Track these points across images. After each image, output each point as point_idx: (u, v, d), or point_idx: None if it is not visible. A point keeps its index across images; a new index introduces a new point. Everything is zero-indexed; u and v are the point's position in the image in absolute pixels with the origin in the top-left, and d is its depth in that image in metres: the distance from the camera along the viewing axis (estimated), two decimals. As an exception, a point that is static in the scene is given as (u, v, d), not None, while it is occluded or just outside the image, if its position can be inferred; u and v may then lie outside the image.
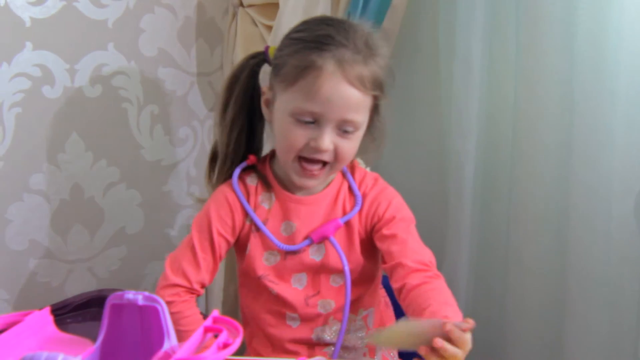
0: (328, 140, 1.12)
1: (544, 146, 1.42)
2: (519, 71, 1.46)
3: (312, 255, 1.20)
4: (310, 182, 1.18)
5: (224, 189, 1.24)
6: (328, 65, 1.09)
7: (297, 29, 1.17)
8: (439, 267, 1.62)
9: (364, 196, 1.21)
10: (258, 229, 1.21)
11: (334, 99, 1.10)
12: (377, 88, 1.13)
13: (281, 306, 1.22)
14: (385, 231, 1.18)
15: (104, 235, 1.76)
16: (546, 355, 1.47)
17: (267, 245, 1.21)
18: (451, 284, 1.57)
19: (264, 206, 1.22)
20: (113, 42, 1.69)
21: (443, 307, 1.03)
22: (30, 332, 0.94)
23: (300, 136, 1.12)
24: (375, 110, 1.17)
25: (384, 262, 1.18)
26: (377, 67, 1.13)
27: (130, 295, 0.84)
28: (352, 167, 1.25)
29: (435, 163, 1.65)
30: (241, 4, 1.72)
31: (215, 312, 0.91)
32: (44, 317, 0.97)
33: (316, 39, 1.12)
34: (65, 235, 1.71)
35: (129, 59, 1.71)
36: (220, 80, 1.84)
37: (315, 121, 1.12)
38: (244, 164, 1.24)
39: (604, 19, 1.30)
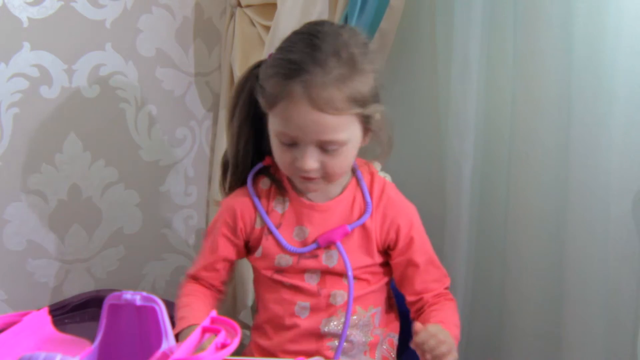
0: (310, 160, 1.12)
1: (541, 146, 1.43)
2: (517, 71, 1.46)
3: (325, 262, 1.21)
4: (312, 186, 1.19)
5: (237, 193, 1.27)
6: (295, 93, 1.09)
7: (281, 46, 1.16)
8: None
9: (385, 208, 1.22)
10: (270, 232, 1.23)
11: (305, 126, 1.10)
12: (358, 105, 1.11)
13: (293, 294, 1.23)
14: (411, 256, 1.22)
15: (102, 235, 1.76)
16: (544, 353, 1.47)
17: (279, 249, 1.23)
18: (450, 283, 1.57)
19: (277, 210, 1.24)
20: (111, 42, 1.69)
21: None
22: (28, 332, 0.94)
23: (286, 157, 1.14)
24: (367, 120, 1.15)
25: (400, 283, 1.26)
26: (357, 84, 1.10)
27: (128, 295, 0.84)
28: (371, 175, 1.25)
29: (433, 163, 1.65)
30: (239, 4, 1.72)
31: (213, 313, 0.91)
32: (42, 318, 0.97)
33: (287, 64, 1.11)
34: (63, 235, 1.71)
35: (126, 59, 1.71)
36: (219, 81, 1.84)
37: (296, 143, 1.13)
38: (259, 166, 1.26)
39: (601, 18, 1.30)
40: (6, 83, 1.58)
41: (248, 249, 1.27)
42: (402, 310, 1.31)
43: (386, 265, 1.26)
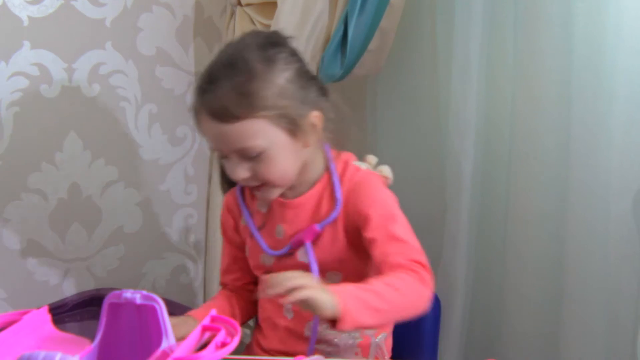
0: (239, 170, 1.12)
1: (541, 145, 1.43)
2: (517, 70, 1.46)
3: (301, 259, 1.20)
4: (265, 196, 1.18)
5: (229, 193, 1.30)
6: (199, 108, 1.12)
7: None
8: (436, 265, 1.62)
9: (348, 194, 1.18)
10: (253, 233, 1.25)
11: (215, 138, 1.12)
12: (260, 109, 1.09)
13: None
14: (366, 234, 1.15)
15: (102, 234, 1.76)
16: (544, 352, 1.47)
17: (260, 248, 1.23)
18: (449, 282, 1.58)
19: (261, 211, 1.25)
20: (111, 40, 1.69)
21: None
22: (28, 331, 0.94)
23: (226, 168, 1.15)
24: (288, 122, 1.11)
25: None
26: (255, 88, 1.09)
27: (128, 294, 0.84)
28: (345, 164, 1.22)
29: (434, 162, 1.65)
30: (239, 3, 1.71)
31: (214, 311, 0.91)
32: (42, 316, 0.97)
33: (199, 80, 1.13)
34: (63, 234, 1.71)
35: (126, 58, 1.71)
36: (218, 79, 1.84)
37: (224, 155, 1.14)
38: None
39: (601, 18, 1.30)
40: (6, 82, 1.58)
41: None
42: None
43: (367, 259, 1.20)
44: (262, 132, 1.10)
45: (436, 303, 1.39)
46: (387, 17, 1.55)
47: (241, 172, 1.12)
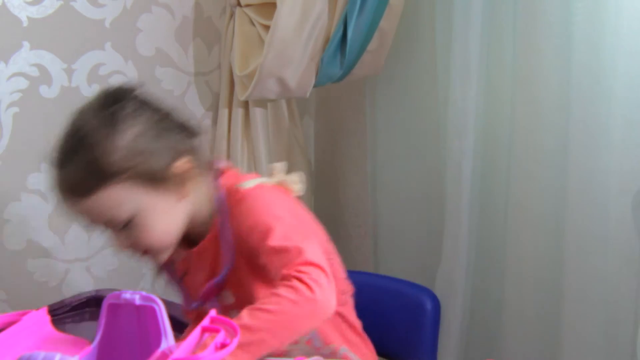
0: (118, 242, 1.06)
1: (541, 146, 1.43)
2: (516, 71, 1.46)
3: (224, 301, 1.13)
4: (155, 260, 1.12)
5: None
6: (55, 186, 1.06)
7: None
8: (436, 266, 1.62)
9: (232, 222, 1.08)
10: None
11: (79, 213, 1.05)
12: (112, 175, 1.01)
13: None
14: (258, 262, 1.05)
15: (102, 234, 1.76)
16: (544, 353, 1.47)
17: (182, 301, 1.21)
18: (449, 283, 1.58)
19: (179, 259, 1.17)
20: (110, 41, 1.69)
21: None
22: (28, 331, 0.94)
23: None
24: (150, 178, 1.03)
25: None
26: (99, 156, 1.01)
27: (127, 295, 0.84)
28: (228, 193, 1.10)
29: (433, 163, 1.65)
30: (239, 4, 1.71)
31: (213, 312, 0.91)
32: (42, 317, 0.97)
33: (51, 154, 1.08)
34: (63, 234, 1.71)
35: (126, 59, 1.71)
36: (218, 80, 1.84)
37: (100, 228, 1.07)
38: None
39: (601, 19, 1.30)
40: (6, 82, 1.58)
41: None
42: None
43: None
44: (122, 199, 1.01)
45: (436, 303, 1.39)
46: (387, 18, 1.55)
47: (121, 243, 1.05)
